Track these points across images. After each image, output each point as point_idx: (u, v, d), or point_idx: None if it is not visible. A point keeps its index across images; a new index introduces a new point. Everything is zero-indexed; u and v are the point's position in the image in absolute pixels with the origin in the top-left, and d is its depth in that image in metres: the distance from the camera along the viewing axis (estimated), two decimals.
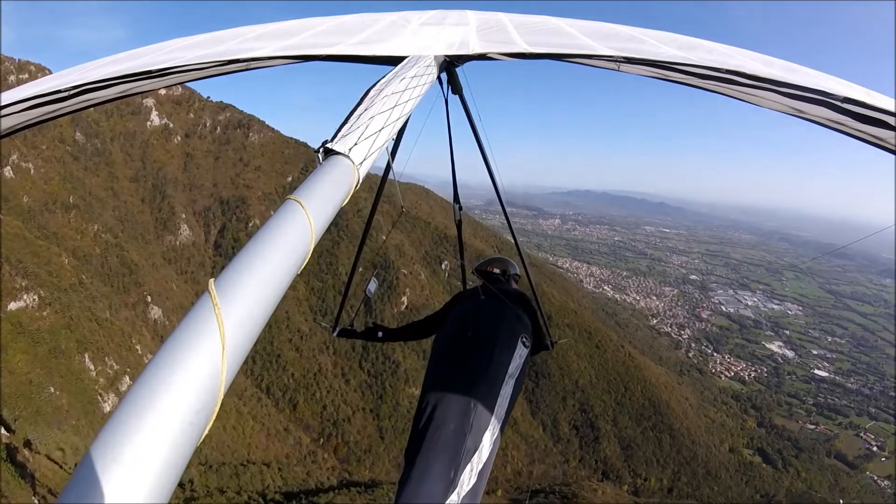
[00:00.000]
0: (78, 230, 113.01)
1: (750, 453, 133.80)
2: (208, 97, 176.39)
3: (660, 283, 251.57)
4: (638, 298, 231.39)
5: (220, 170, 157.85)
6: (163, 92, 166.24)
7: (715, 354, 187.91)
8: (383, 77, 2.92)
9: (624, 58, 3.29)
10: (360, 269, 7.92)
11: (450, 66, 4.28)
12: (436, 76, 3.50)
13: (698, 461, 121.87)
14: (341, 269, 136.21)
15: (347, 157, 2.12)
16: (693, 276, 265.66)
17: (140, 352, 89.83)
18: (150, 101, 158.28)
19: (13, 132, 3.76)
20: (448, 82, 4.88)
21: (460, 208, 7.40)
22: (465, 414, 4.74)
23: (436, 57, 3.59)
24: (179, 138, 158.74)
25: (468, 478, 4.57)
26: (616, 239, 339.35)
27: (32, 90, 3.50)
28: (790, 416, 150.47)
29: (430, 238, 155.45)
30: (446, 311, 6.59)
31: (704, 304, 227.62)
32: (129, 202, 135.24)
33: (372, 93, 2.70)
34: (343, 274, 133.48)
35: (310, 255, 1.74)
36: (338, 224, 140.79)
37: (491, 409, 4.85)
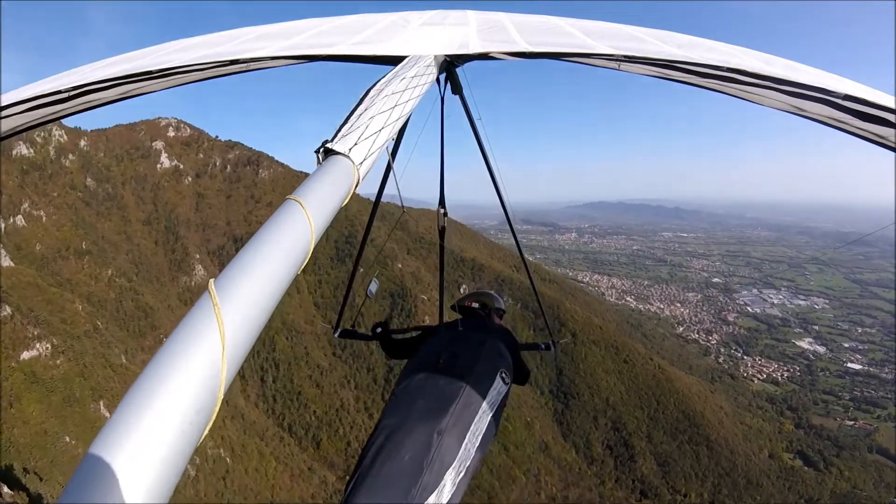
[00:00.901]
0: (92, 276, 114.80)
1: (790, 457, 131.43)
2: (216, 136, 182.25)
3: (682, 290, 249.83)
4: (662, 307, 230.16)
5: (232, 208, 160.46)
6: (171, 134, 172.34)
7: (745, 357, 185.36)
8: (383, 77, 3.00)
9: (624, 56, 3.31)
10: (362, 270, 8.09)
11: (450, 66, 4.29)
12: (436, 76, 3.55)
13: (738, 471, 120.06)
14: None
15: (347, 157, 2.16)
16: (715, 279, 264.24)
17: None
18: (159, 144, 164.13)
19: (14, 133, 3.78)
20: (449, 82, 4.88)
21: (445, 214, 7.08)
22: (426, 445, 4.21)
23: (436, 57, 3.59)
24: (190, 179, 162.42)
25: None
26: (634, 248, 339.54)
27: (33, 91, 3.50)
28: (827, 415, 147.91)
29: (447, 263, 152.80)
30: (421, 340, 6.41)
31: (730, 307, 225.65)
32: (142, 245, 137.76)
33: (372, 93, 2.76)
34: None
35: (310, 255, 1.77)
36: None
37: (459, 444, 4.34)
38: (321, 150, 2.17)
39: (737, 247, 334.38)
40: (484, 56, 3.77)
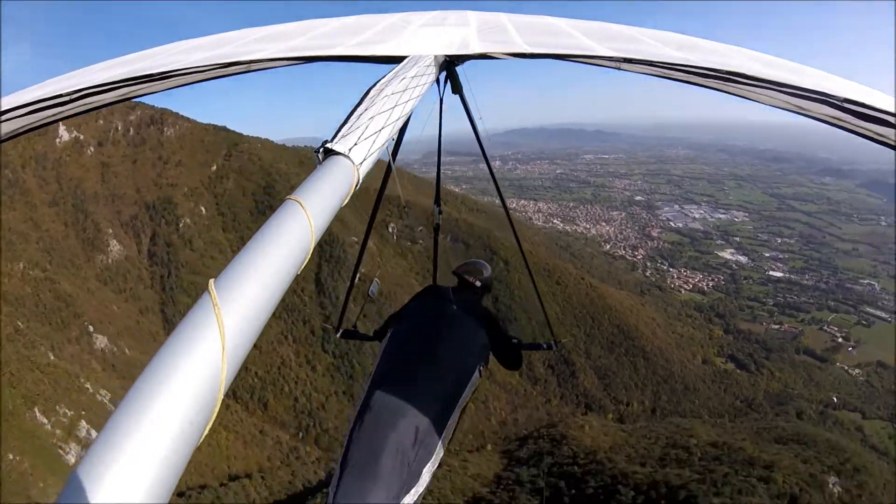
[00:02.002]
0: (3, 273, 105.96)
1: (722, 361, 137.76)
2: None
3: (607, 209, 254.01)
4: (588, 227, 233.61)
5: (140, 173, 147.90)
6: None
7: (671, 270, 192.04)
8: (383, 77, 3.02)
9: (624, 59, 3.32)
10: (363, 271, 7.90)
11: (450, 65, 4.31)
12: (436, 76, 3.56)
13: (675, 378, 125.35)
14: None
15: (347, 157, 2.15)
16: (638, 198, 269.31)
17: (91, 390, 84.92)
18: None
19: (15, 136, 3.71)
20: (449, 82, 4.82)
21: (440, 212, 7.30)
22: (412, 444, 4.36)
23: (436, 57, 3.61)
24: (92, 149, 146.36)
25: None
26: (558, 172, 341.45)
27: (34, 94, 3.56)
28: (754, 320, 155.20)
29: (370, 204, 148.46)
30: (409, 306, 6.17)
31: (653, 223, 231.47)
32: (51, 229, 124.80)
33: (372, 93, 2.76)
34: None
35: (310, 255, 1.76)
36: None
37: (436, 440, 4.57)
38: (321, 150, 2.17)
39: (657, 166, 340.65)
40: (484, 56, 3.80)
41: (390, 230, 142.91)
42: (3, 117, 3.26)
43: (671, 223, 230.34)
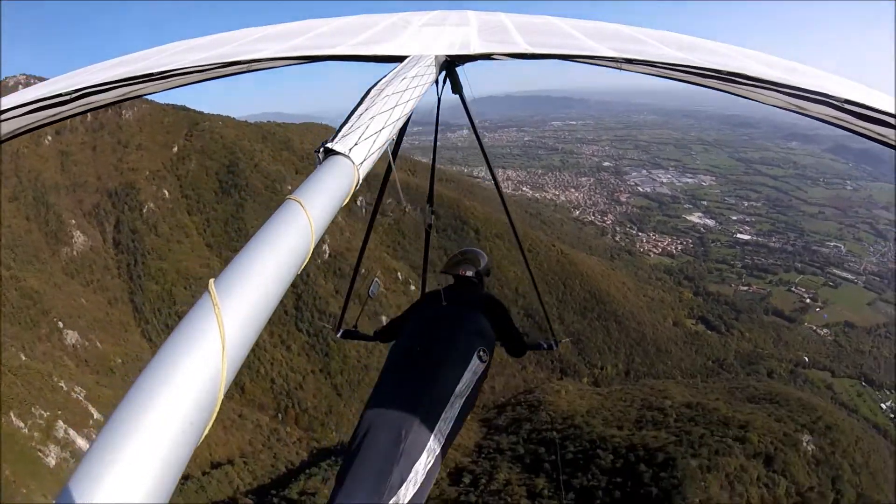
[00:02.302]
0: None
1: (693, 323, 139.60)
2: None
3: (575, 175, 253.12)
4: (557, 193, 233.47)
5: (101, 159, 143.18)
6: None
7: (640, 234, 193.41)
8: (384, 77, 3.01)
9: (626, 59, 3.32)
10: (364, 271, 7.76)
11: (450, 65, 4.31)
12: (436, 76, 3.53)
13: (647, 340, 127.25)
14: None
15: (348, 157, 2.15)
16: (606, 163, 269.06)
17: (66, 388, 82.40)
18: None
19: (15, 136, 3.86)
20: (449, 82, 4.79)
21: (433, 212, 7.19)
22: (395, 442, 4.30)
23: (436, 57, 3.59)
24: (50, 138, 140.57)
25: None
26: (526, 139, 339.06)
27: (34, 94, 3.56)
28: (723, 282, 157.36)
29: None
30: (406, 318, 6.17)
31: (621, 188, 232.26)
32: (14, 225, 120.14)
33: (373, 93, 2.75)
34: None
35: (310, 255, 1.76)
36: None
37: (427, 436, 4.45)
38: (321, 149, 2.18)
39: (625, 131, 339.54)
40: (485, 56, 3.83)
41: (359, 203, 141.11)
42: (3, 116, 3.29)
43: (639, 188, 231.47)
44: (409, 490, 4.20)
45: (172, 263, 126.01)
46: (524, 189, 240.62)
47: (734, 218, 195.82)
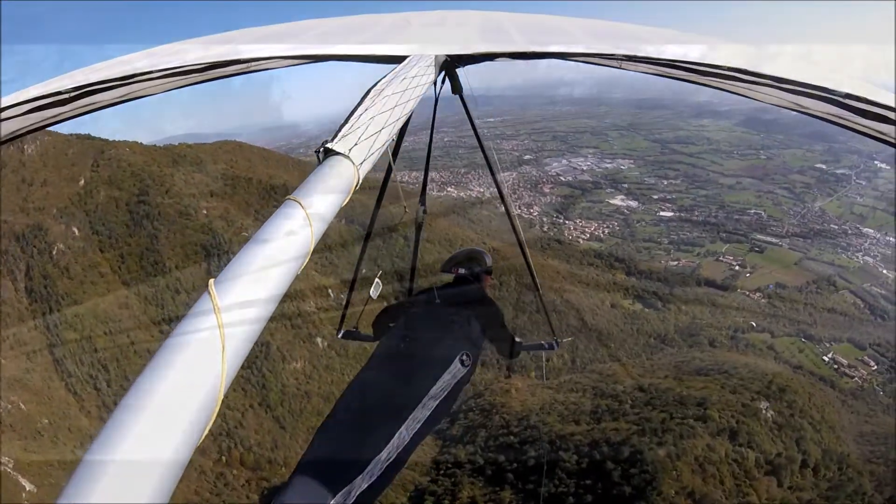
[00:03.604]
0: None
1: (630, 303, 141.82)
2: None
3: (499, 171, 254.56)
4: (482, 190, 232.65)
5: (6, 201, 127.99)
6: None
7: (567, 222, 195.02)
8: (384, 77, 3.02)
9: (626, 56, 3.37)
10: (364, 272, 7.92)
11: (450, 65, 4.33)
12: (436, 76, 3.61)
13: (588, 326, 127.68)
14: None
15: (347, 157, 2.14)
16: (527, 156, 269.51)
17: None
18: None
19: (15, 137, 3.76)
20: (449, 82, 4.92)
21: (425, 211, 7.53)
22: (359, 434, 4.37)
23: (437, 57, 3.62)
24: None
25: None
26: (446, 140, 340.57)
27: (34, 93, 3.52)
28: (652, 259, 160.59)
29: (256, 195, 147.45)
30: (397, 314, 6.14)
31: (545, 179, 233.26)
32: None
33: (372, 93, 2.75)
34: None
35: (310, 256, 1.76)
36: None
37: (392, 433, 4.38)
38: (321, 149, 2.17)
39: (542, 124, 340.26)
40: (485, 56, 3.86)
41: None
42: (3, 115, 3.24)
43: (561, 177, 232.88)
44: (364, 482, 4.17)
45: (89, 308, 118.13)
46: (449, 189, 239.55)
47: (655, 197, 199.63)
